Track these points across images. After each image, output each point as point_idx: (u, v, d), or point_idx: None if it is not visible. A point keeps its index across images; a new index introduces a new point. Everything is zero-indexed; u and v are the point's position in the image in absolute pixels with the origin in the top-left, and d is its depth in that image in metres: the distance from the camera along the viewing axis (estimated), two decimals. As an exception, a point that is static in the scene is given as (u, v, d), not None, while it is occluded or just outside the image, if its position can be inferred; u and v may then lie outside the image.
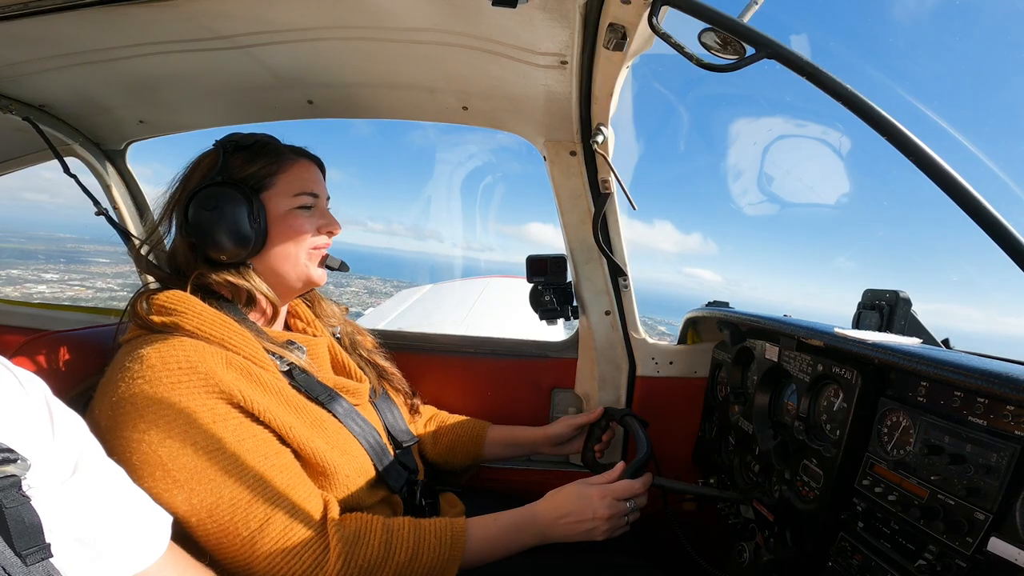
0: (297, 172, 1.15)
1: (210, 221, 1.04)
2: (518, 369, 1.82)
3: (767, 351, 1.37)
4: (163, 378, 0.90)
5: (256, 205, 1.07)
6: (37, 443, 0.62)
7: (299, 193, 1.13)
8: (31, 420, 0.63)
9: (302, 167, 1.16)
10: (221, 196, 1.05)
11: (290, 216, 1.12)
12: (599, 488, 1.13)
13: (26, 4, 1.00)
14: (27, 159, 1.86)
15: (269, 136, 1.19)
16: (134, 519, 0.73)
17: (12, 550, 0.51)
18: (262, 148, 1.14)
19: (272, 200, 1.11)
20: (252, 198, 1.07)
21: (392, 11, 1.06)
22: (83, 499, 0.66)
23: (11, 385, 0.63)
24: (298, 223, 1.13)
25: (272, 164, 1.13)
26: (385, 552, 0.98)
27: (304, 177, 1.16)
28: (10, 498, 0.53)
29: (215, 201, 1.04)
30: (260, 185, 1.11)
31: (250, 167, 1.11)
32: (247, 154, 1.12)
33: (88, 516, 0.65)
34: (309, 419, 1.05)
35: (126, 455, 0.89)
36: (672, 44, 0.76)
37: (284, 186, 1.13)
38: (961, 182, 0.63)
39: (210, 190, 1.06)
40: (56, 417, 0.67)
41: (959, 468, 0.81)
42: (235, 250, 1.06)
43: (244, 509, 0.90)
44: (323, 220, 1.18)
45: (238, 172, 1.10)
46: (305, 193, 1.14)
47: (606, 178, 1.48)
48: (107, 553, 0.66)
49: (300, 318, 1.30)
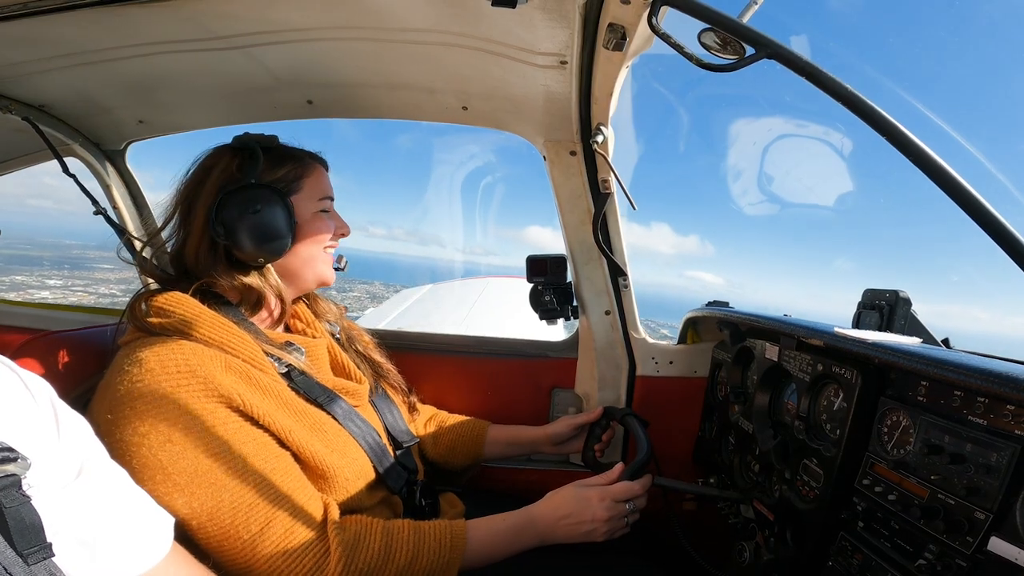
0: (318, 176, 1.19)
1: (250, 223, 1.05)
2: (518, 369, 1.82)
3: (767, 351, 1.37)
4: (162, 381, 0.90)
5: (291, 208, 1.11)
6: (42, 444, 0.62)
7: (323, 197, 1.18)
8: (36, 422, 0.63)
9: (321, 172, 1.21)
10: (262, 198, 1.06)
11: (315, 219, 1.17)
12: (598, 490, 1.13)
13: (26, 4, 1.00)
14: (27, 159, 1.86)
15: (276, 138, 1.20)
16: (137, 521, 0.73)
17: (13, 549, 0.51)
18: (285, 152, 1.17)
19: (299, 204, 1.14)
20: (287, 201, 1.10)
21: (392, 11, 1.06)
22: (87, 502, 0.66)
23: (16, 387, 0.63)
24: (321, 226, 1.17)
25: (298, 168, 1.16)
26: (385, 555, 0.98)
27: (324, 181, 1.20)
28: (10, 497, 0.53)
29: (256, 204, 1.06)
30: (289, 189, 1.13)
31: (278, 171, 1.13)
32: (272, 157, 1.14)
33: (91, 518, 0.65)
34: (308, 422, 1.05)
35: (126, 458, 0.89)
36: (672, 44, 0.76)
37: (310, 190, 1.16)
38: (960, 180, 0.63)
39: (250, 192, 1.06)
40: (62, 419, 0.66)
41: (959, 468, 0.81)
42: (268, 252, 1.08)
43: (245, 512, 0.90)
44: (338, 223, 1.23)
45: (267, 175, 1.11)
46: (326, 197, 1.19)
47: (606, 178, 1.48)
48: (110, 555, 0.66)
49: (300, 319, 1.30)
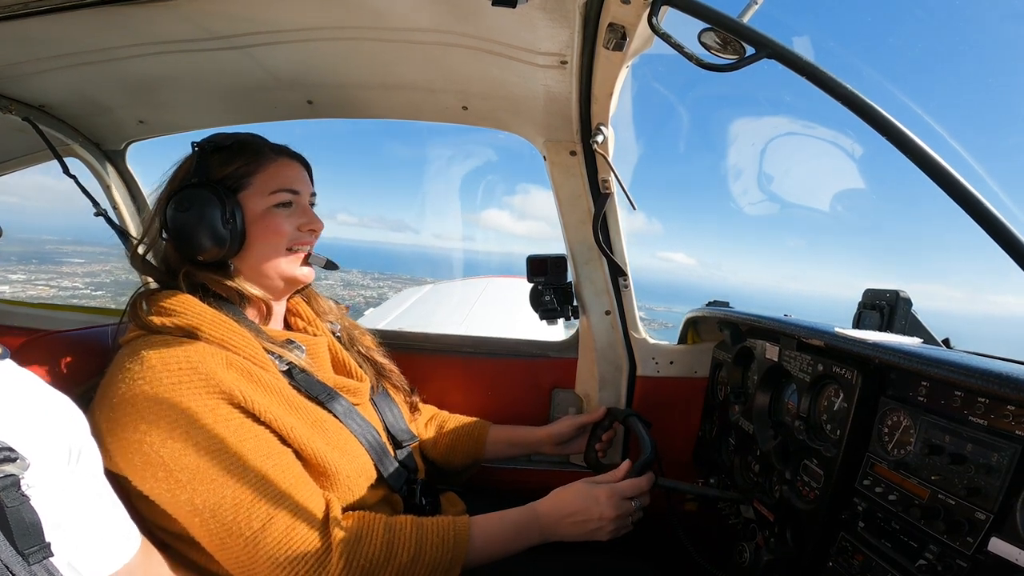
0: (275, 170, 1.14)
1: (185, 223, 1.04)
2: (518, 369, 1.82)
3: (767, 351, 1.37)
4: (164, 379, 0.91)
5: (230, 205, 1.07)
6: (34, 441, 0.62)
7: (276, 191, 1.12)
8: (29, 418, 0.63)
9: (281, 165, 1.15)
10: (195, 197, 1.05)
11: (268, 215, 1.11)
12: (606, 487, 1.13)
13: (26, 4, 1.00)
14: (27, 159, 1.86)
15: (252, 135, 1.18)
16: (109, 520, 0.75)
17: (14, 548, 0.51)
18: (241, 148, 1.13)
19: (249, 200, 1.10)
20: (227, 198, 1.07)
21: (392, 11, 1.06)
22: (70, 489, 0.67)
23: (14, 387, 0.63)
24: (275, 222, 1.12)
25: (249, 164, 1.12)
26: (387, 552, 0.98)
27: (283, 175, 1.14)
28: (11, 497, 0.53)
29: (188, 203, 1.05)
30: (237, 185, 1.10)
31: (227, 167, 1.11)
32: (225, 154, 1.12)
33: (70, 505, 0.67)
34: (309, 419, 1.05)
35: (128, 456, 0.89)
36: (672, 44, 0.76)
37: (261, 185, 1.12)
38: (959, 179, 0.63)
39: (185, 192, 1.06)
40: (51, 413, 0.67)
41: (960, 468, 0.81)
42: (213, 251, 1.06)
43: (247, 509, 0.90)
44: (303, 218, 1.16)
45: (216, 173, 1.10)
46: (283, 190, 1.13)
47: (606, 178, 1.48)
48: (82, 542, 0.68)
49: (301, 316, 1.30)
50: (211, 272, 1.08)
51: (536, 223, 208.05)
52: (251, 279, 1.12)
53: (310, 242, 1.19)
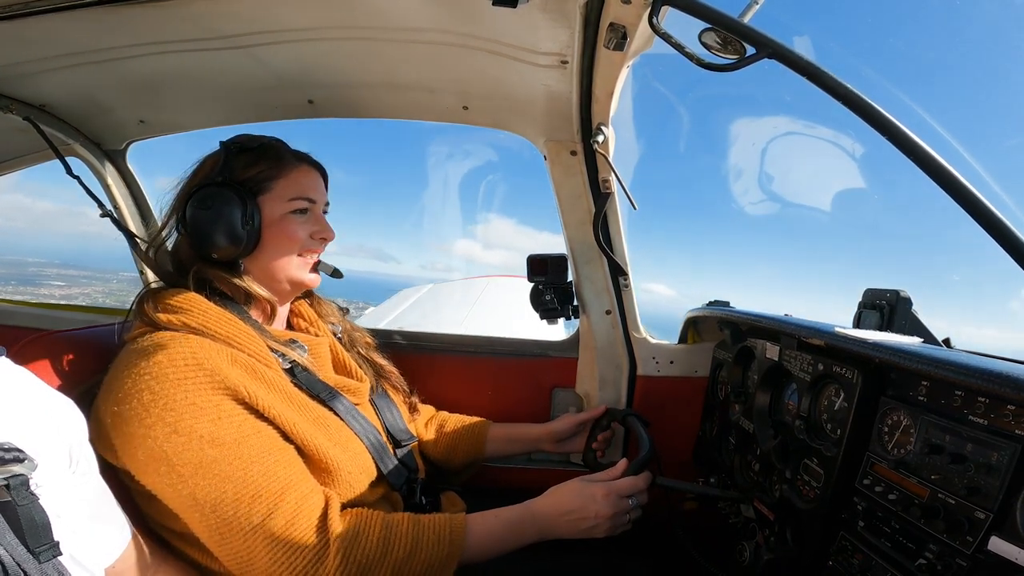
0: (296, 177, 1.16)
1: (205, 220, 1.06)
2: (519, 368, 1.82)
3: (768, 350, 1.37)
4: (169, 374, 0.91)
5: (251, 207, 1.09)
6: (37, 441, 0.62)
7: (295, 198, 1.14)
8: (30, 418, 0.64)
9: (302, 172, 1.18)
10: (218, 196, 1.07)
11: (284, 220, 1.14)
12: (603, 485, 1.13)
13: (26, 4, 1.00)
14: (27, 159, 1.86)
15: (276, 140, 1.20)
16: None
17: (25, 547, 0.52)
18: (265, 151, 1.15)
19: (268, 203, 1.12)
20: (248, 200, 1.09)
21: (392, 11, 1.06)
22: (72, 486, 0.69)
23: (15, 387, 0.64)
24: (291, 228, 1.14)
25: (272, 168, 1.14)
26: (384, 548, 0.98)
27: (303, 182, 1.17)
28: (21, 496, 0.54)
29: (211, 201, 1.07)
30: (258, 188, 1.12)
31: (251, 170, 1.13)
32: (250, 157, 1.14)
33: (72, 502, 0.68)
34: (311, 416, 1.06)
35: (131, 450, 0.90)
36: (673, 44, 0.77)
37: (281, 190, 1.14)
38: (958, 178, 0.63)
39: (209, 190, 1.08)
40: (52, 413, 0.68)
41: (960, 467, 0.81)
42: (228, 249, 1.08)
43: (248, 504, 0.91)
44: (317, 226, 1.18)
45: (239, 174, 1.12)
46: (301, 198, 1.15)
47: (607, 178, 1.48)
48: (83, 536, 0.70)
49: (303, 317, 1.31)
50: (220, 270, 1.10)
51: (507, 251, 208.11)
52: (259, 280, 1.14)
53: (320, 250, 1.21)
